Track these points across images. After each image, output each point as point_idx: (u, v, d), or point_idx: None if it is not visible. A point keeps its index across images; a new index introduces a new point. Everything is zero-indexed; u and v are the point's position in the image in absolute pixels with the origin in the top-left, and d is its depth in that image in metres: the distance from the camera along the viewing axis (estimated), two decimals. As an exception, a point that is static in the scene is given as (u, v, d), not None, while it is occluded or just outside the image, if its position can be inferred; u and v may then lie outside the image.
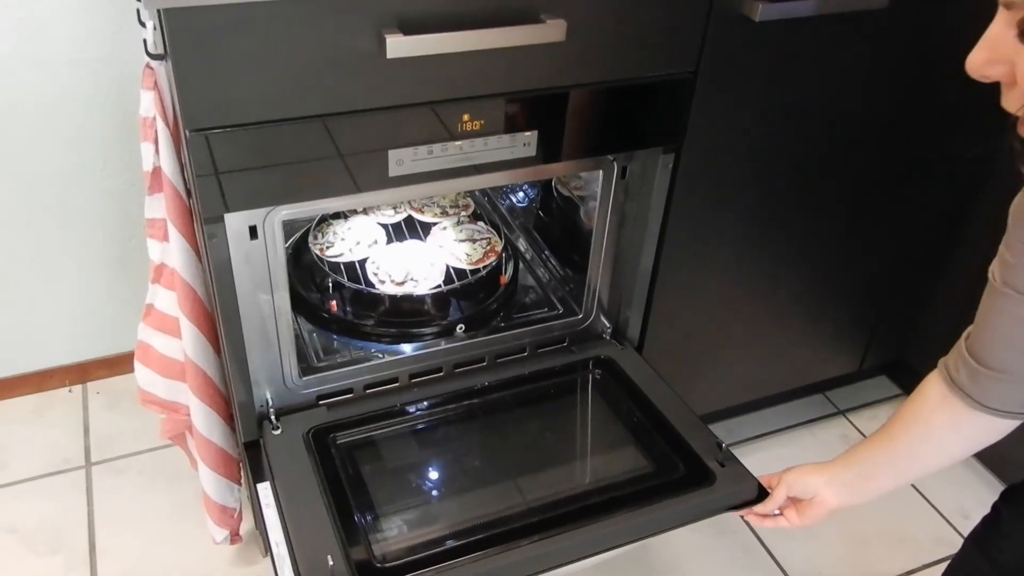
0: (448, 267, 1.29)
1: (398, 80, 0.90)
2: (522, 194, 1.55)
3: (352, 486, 1.04)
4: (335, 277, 1.26)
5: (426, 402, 1.19)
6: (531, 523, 1.00)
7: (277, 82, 0.85)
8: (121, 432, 1.61)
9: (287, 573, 0.93)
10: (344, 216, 1.36)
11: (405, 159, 0.96)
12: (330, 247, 1.30)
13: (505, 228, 1.42)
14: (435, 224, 1.38)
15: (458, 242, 1.34)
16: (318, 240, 1.31)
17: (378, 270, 1.27)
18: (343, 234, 1.33)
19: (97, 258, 1.58)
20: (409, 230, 1.37)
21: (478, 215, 1.42)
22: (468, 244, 1.34)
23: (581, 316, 1.29)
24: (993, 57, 0.64)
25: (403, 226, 1.37)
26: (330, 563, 0.91)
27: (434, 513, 1.05)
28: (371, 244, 1.31)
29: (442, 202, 1.42)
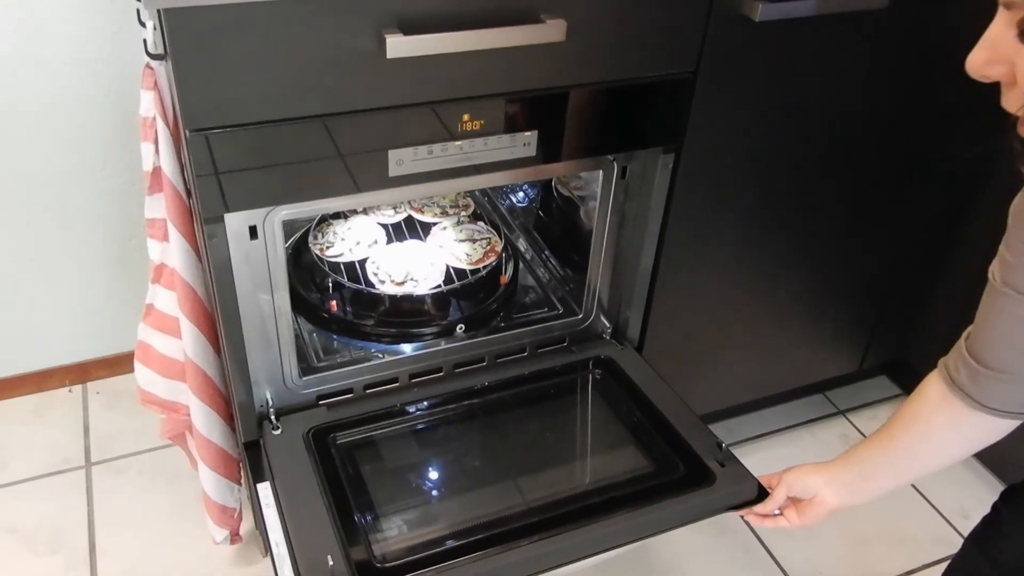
0: (448, 267, 1.29)
1: (398, 80, 0.90)
2: (522, 194, 1.55)
3: (352, 486, 1.04)
4: (335, 277, 1.26)
5: (426, 402, 1.19)
6: (531, 523, 1.00)
7: (277, 82, 0.85)
8: (121, 432, 1.61)
9: (287, 573, 0.93)
10: (344, 216, 1.36)
11: (405, 159, 0.96)
12: (330, 247, 1.30)
13: (505, 228, 1.42)
14: (435, 224, 1.38)
15: (458, 242, 1.34)
16: (318, 240, 1.31)
17: (378, 270, 1.27)
18: (343, 234, 1.33)
19: (97, 258, 1.58)
20: (409, 230, 1.37)
21: (478, 215, 1.42)
22: (468, 244, 1.34)
23: (581, 316, 1.29)
24: (993, 57, 0.64)
25: (403, 226, 1.37)
26: (330, 563, 0.91)
27: (434, 513, 1.05)
28: (371, 244, 1.31)
29: (442, 202, 1.42)
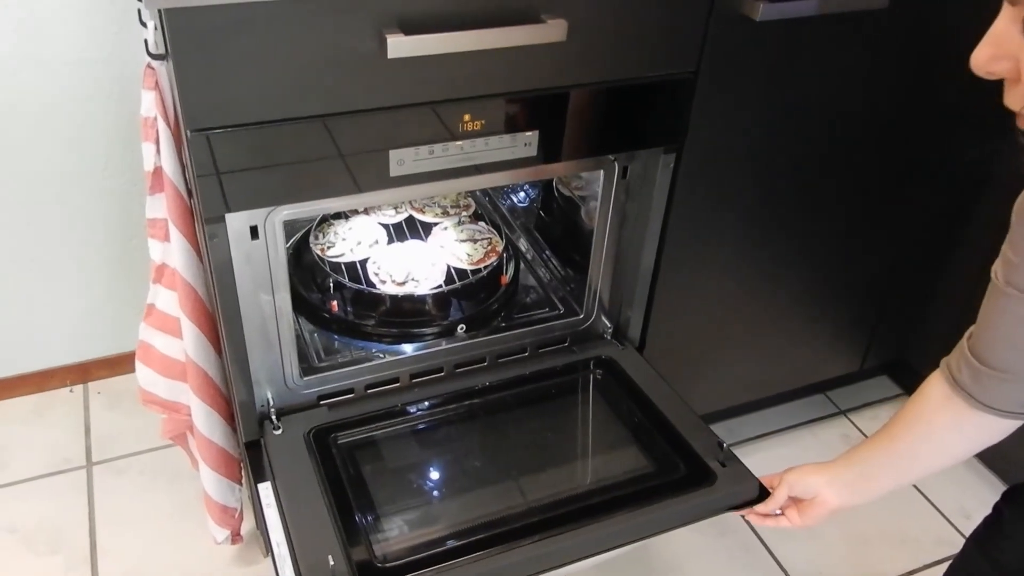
0: (449, 267, 1.29)
1: (399, 80, 0.90)
2: (523, 194, 1.55)
3: (353, 486, 1.04)
4: (336, 277, 1.26)
5: (427, 402, 1.19)
6: (532, 523, 1.00)
7: (278, 82, 0.85)
8: (122, 432, 1.61)
9: (288, 573, 0.93)
10: (345, 216, 1.36)
11: (406, 159, 0.96)
12: (331, 247, 1.30)
13: (506, 228, 1.42)
14: (436, 224, 1.38)
15: (459, 242, 1.34)
16: (319, 240, 1.31)
17: (379, 270, 1.27)
18: (344, 234, 1.33)
19: (98, 258, 1.58)
20: (410, 230, 1.37)
21: (479, 215, 1.42)
22: (469, 244, 1.34)
23: (582, 316, 1.29)
24: (998, 53, 0.64)
25: (404, 226, 1.37)
26: (331, 563, 0.91)
27: (435, 513, 1.05)
28: (372, 244, 1.31)
29: (443, 202, 1.42)
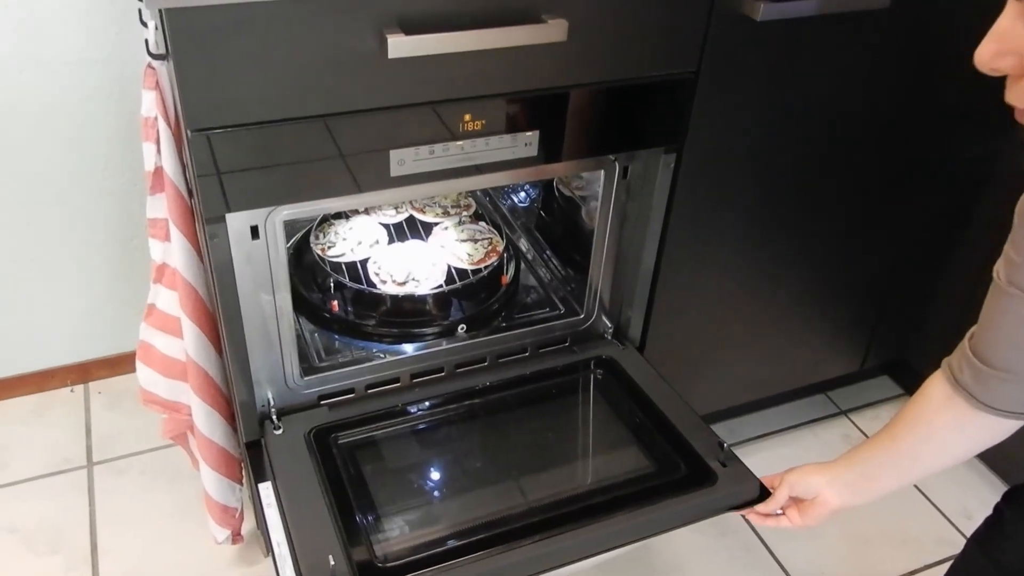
0: (449, 267, 1.29)
1: (399, 80, 0.90)
2: (523, 194, 1.55)
3: (353, 486, 1.04)
4: (336, 277, 1.26)
5: (427, 402, 1.19)
6: (532, 523, 1.00)
7: (279, 82, 0.85)
8: (123, 432, 1.61)
9: (288, 573, 0.93)
10: (345, 216, 1.36)
11: (407, 159, 0.96)
12: (331, 247, 1.30)
13: (506, 228, 1.42)
14: (436, 224, 1.38)
15: (459, 242, 1.34)
16: (319, 240, 1.31)
17: (379, 270, 1.27)
18: (344, 234, 1.33)
19: (98, 258, 1.58)
20: (410, 230, 1.37)
21: (479, 215, 1.42)
22: (469, 244, 1.34)
23: (582, 316, 1.29)
24: (1002, 49, 0.64)
25: (404, 226, 1.37)
26: (331, 563, 0.91)
27: (436, 513, 1.05)
28: (372, 244, 1.31)
29: (443, 202, 1.42)
